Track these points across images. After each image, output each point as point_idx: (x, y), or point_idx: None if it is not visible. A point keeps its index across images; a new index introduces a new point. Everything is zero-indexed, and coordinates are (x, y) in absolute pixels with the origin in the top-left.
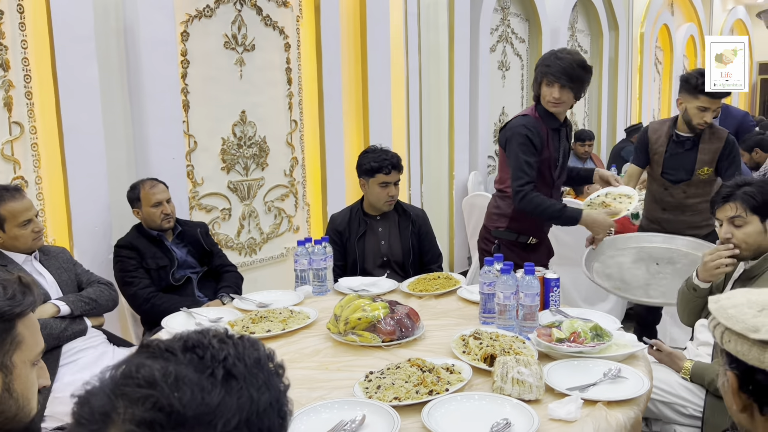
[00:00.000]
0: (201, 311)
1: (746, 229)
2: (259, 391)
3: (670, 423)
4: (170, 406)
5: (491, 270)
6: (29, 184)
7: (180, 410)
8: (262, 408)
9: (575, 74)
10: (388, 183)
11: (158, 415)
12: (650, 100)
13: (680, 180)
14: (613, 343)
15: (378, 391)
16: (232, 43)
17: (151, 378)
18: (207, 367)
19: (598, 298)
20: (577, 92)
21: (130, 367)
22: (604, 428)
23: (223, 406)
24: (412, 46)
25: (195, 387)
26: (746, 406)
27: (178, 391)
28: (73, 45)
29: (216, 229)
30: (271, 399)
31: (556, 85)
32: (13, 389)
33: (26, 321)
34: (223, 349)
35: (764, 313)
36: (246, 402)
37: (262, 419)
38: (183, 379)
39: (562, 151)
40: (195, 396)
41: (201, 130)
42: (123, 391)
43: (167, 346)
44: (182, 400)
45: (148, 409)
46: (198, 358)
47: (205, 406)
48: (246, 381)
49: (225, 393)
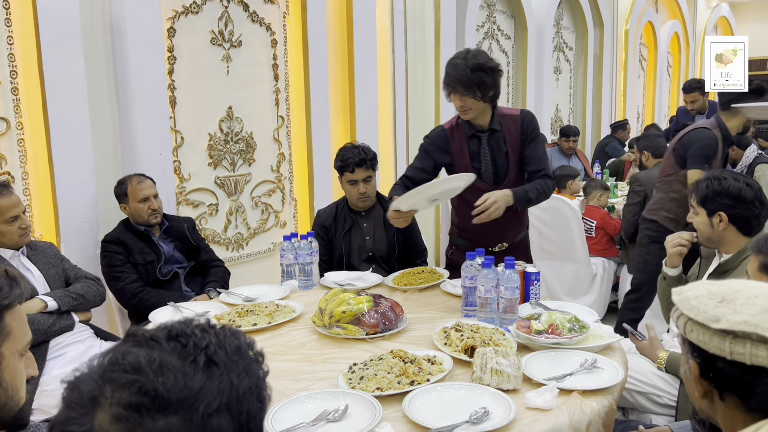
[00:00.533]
0: (188, 305)
1: (697, 219)
2: (239, 376)
3: (645, 412)
4: (155, 391)
5: (473, 264)
6: (16, 180)
7: (164, 394)
8: (242, 392)
9: (471, 80)
10: (355, 181)
11: (144, 398)
12: (635, 96)
13: None
14: (590, 334)
15: (361, 381)
16: (219, 39)
17: (137, 364)
18: (189, 355)
19: (580, 292)
20: (481, 95)
21: (117, 355)
22: (578, 416)
23: (204, 390)
24: (398, 43)
25: (178, 373)
26: (707, 393)
27: (162, 376)
28: (60, 41)
29: (203, 225)
30: (250, 384)
31: (455, 93)
32: (2, 379)
33: (13, 313)
34: (205, 338)
35: (724, 303)
36: (226, 386)
37: (242, 403)
38: (167, 366)
39: (486, 158)
40: (178, 381)
41: (188, 125)
42: (110, 376)
43: (152, 335)
44: (166, 385)
45: (134, 393)
46: (181, 346)
47: (188, 390)
48: (226, 367)
49: (206, 378)
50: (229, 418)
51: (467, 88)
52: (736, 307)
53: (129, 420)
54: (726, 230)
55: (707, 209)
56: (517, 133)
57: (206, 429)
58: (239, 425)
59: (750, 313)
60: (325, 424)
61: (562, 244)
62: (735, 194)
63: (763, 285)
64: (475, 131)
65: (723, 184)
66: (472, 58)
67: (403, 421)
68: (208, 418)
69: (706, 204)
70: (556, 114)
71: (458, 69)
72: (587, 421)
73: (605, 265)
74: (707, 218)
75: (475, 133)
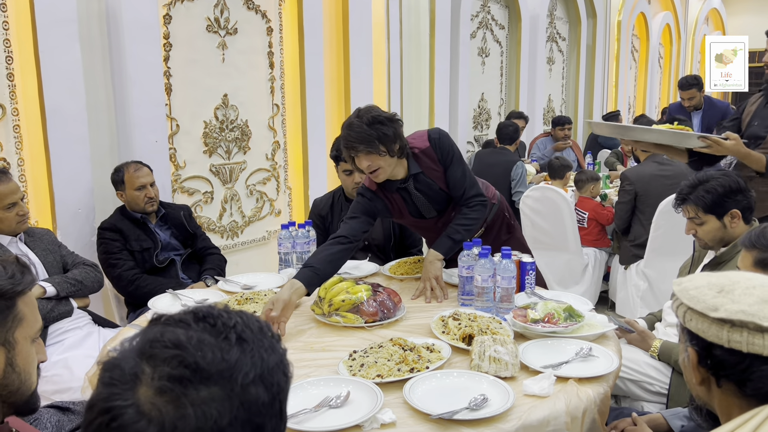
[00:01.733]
0: (186, 293)
1: (705, 227)
2: (267, 352)
3: (638, 400)
4: (195, 364)
5: (470, 254)
6: (12, 166)
7: (204, 367)
8: (272, 366)
9: (371, 135)
10: (350, 171)
11: (186, 371)
12: (626, 87)
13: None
14: (585, 323)
15: (361, 369)
16: (215, 27)
17: (177, 340)
18: (220, 333)
19: (572, 281)
20: (386, 150)
21: (154, 334)
22: (575, 403)
23: (240, 363)
24: (393, 32)
25: (215, 347)
26: (704, 380)
27: (201, 351)
28: (56, 27)
29: (198, 212)
30: (276, 360)
31: (359, 155)
32: (16, 364)
33: (26, 299)
34: (232, 318)
35: (723, 294)
36: (258, 360)
37: (273, 375)
38: (203, 341)
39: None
40: (216, 354)
41: (183, 113)
42: (151, 353)
43: (180, 318)
44: (206, 358)
45: (176, 366)
46: (210, 326)
47: (225, 362)
48: (255, 344)
49: (240, 353)
50: (263, 388)
51: (369, 145)
52: (734, 297)
53: (173, 391)
54: (738, 225)
55: (716, 213)
56: (437, 165)
57: (246, 397)
58: (272, 395)
59: (747, 303)
60: (327, 410)
61: (554, 234)
62: (735, 188)
63: (760, 276)
64: (398, 184)
65: (722, 183)
66: (366, 113)
67: (403, 408)
68: (246, 387)
69: (714, 210)
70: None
71: (354, 128)
72: (583, 407)
73: (597, 255)
74: (718, 222)
75: (399, 186)
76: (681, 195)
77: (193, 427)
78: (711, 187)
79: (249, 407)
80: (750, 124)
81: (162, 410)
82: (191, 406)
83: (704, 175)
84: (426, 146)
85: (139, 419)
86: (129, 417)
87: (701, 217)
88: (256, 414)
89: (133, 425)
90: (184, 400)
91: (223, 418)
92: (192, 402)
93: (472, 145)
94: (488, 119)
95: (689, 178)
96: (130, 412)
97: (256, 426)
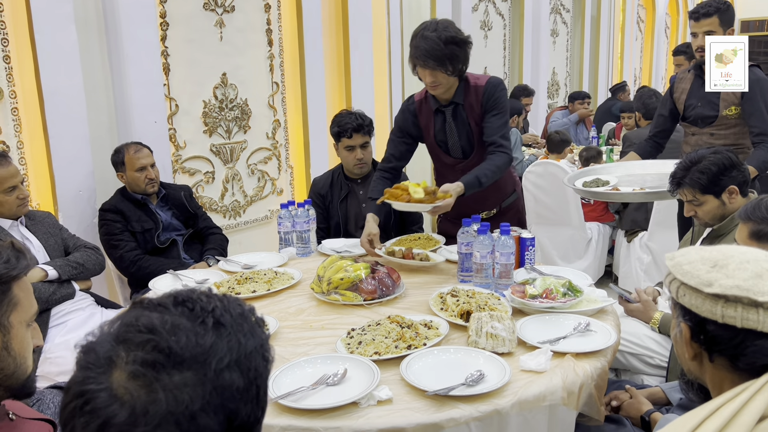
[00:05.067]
0: (187, 273)
1: (705, 207)
2: (245, 337)
3: (637, 373)
4: (169, 348)
5: (469, 230)
6: (11, 149)
7: (178, 351)
8: (249, 351)
9: (442, 54)
10: (353, 147)
11: (159, 356)
12: (632, 58)
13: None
14: (584, 298)
15: (359, 346)
16: (212, 5)
17: (151, 325)
18: (198, 317)
19: (575, 256)
20: (452, 70)
21: (130, 318)
22: (571, 378)
23: (215, 348)
24: (393, 5)
25: (189, 332)
26: (696, 355)
27: (175, 335)
28: (50, 7)
29: (200, 192)
30: (255, 344)
31: (425, 68)
32: (11, 348)
33: (21, 284)
34: (211, 302)
35: (716, 268)
36: (235, 345)
37: (250, 360)
38: (178, 326)
39: (453, 133)
40: (190, 339)
41: (182, 93)
42: (125, 337)
43: (159, 302)
44: (179, 343)
45: (149, 351)
46: (189, 310)
47: (200, 347)
48: (233, 328)
49: (216, 337)
50: (239, 373)
51: (439, 63)
52: (728, 272)
53: (146, 376)
54: (737, 200)
55: (714, 192)
56: (479, 105)
57: (219, 382)
58: (248, 380)
59: (742, 278)
60: (324, 387)
61: (556, 209)
62: (729, 164)
63: (754, 250)
64: (439, 106)
65: (715, 162)
66: (444, 31)
67: (400, 384)
68: (220, 372)
69: (711, 189)
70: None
71: (429, 42)
72: (580, 382)
73: (600, 229)
74: (717, 200)
75: (439, 108)
76: (675, 179)
77: (164, 411)
78: (704, 167)
79: (222, 392)
80: (692, 105)
81: (134, 394)
82: (163, 390)
83: (695, 155)
84: (481, 84)
85: (111, 403)
86: (102, 401)
87: (699, 198)
88: (229, 399)
89: (106, 409)
90: (156, 384)
91: (195, 403)
92: (164, 386)
93: None
94: None
95: (680, 161)
96: (102, 395)
97: (229, 411)
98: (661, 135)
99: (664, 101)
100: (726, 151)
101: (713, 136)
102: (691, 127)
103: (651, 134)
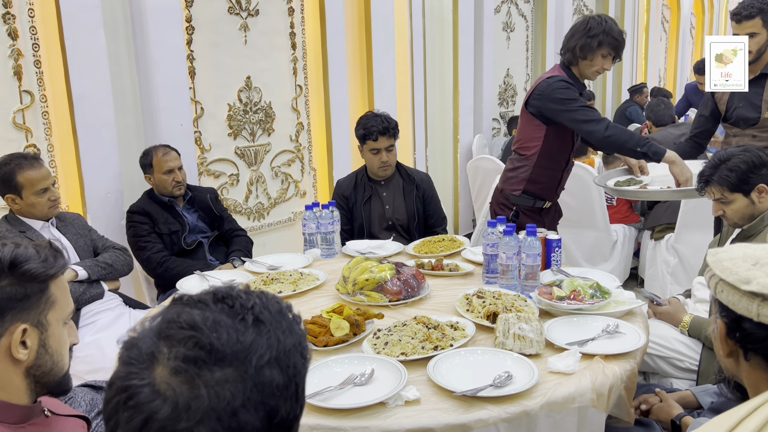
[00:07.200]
0: (214, 274)
1: (733, 206)
2: (284, 334)
3: (667, 376)
4: (210, 345)
5: (494, 231)
6: (41, 152)
7: (219, 348)
8: (288, 348)
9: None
10: (378, 149)
11: (200, 352)
12: (656, 59)
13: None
14: (612, 300)
15: (386, 347)
16: (237, 9)
17: (192, 322)
18: (237, 314)
19: (600, 258)
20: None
21: (171, 315)
22: (601, 380)
23: (255, 345)
24: (416, 9)
25: (230, 329)
26: (732, 352)
27: (216, 332)
28: (80, 13)
29: (224, 195)
30: (294, 341)
31: (613, 59)
32: (49, 345)
33: (58, 282)
34: (250, 299)
35: (758, 266)
36: (274, 342)
37: (289, 357)
38: (219, 323)
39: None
40: (231, 336)
41: (207, 96)
42: (167, 333)
43: (199, 298)
44: (220, 340)
45: (191, 347)
46: (228, 307)
47: (240, 344)
48: (272, 325)
49: (256, 334)
50: (278, 370)
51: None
52: None
53: (188, 372)
54: (766, 199)
55: (743, 191)
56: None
57: (260, 379)
58: (288, 377)
59: None
60: (352, 387)
61: (581, 211)
62: (759, 162)
63: None
64: (582, 90)
65: (744, 160)
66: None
67: (427, 385)
68: (261, 369)
69: (740, 187)
70: None
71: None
72: (609, 384)
73: (626, 232)
74: (746, 199)
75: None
76: (704, 177)
77: (206, 408)
78: (733, 165)
79: (263, 389)
80: (734, 106)
81: (176, 390)
82: (205, 386)
83: (724, 153)
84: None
85: (154, 398)
86: (144, 396)
87: (727, 196)
88: (269, 396)
89: (149, 404)
90: (198, 380)
91: (236, 400)
92: (206, 383)
93: (498, 122)
94: (514, 95)
95: (709, 160)
96: (146, 390)
97: (270, 408)
98: (702, 135)
99: (706, 102)
100: (756, 149)
101: (755, 138)
102: (733, 128)
103: (692, 134)
